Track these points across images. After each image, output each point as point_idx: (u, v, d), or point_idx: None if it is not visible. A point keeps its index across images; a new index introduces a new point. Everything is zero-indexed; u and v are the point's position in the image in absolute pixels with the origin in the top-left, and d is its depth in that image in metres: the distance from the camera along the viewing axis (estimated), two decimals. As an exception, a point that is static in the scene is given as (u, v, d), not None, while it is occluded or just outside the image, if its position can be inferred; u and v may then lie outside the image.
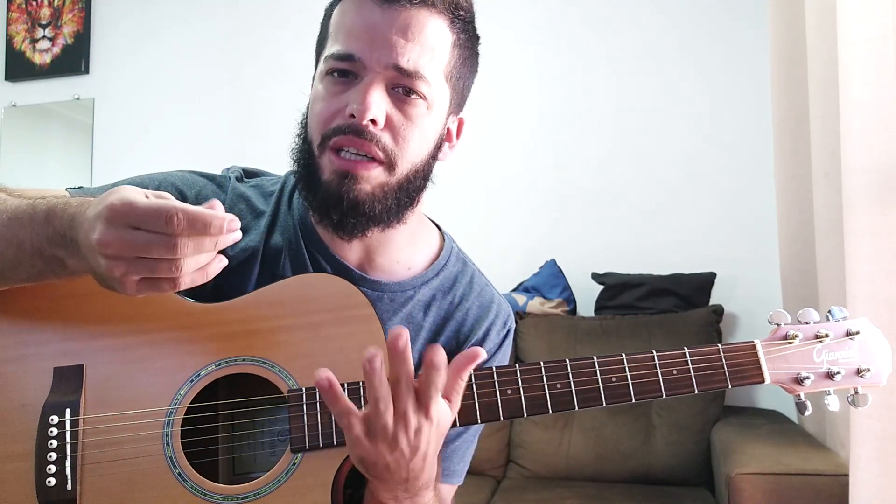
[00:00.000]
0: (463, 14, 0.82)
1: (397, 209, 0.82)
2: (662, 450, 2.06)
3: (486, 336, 0.91)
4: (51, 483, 0.72)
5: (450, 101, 0.84)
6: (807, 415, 0.79)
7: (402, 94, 0.79)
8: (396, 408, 0.66)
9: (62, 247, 0.67)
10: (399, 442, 0.67)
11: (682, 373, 0.77)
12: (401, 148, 0.79)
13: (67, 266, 0.69)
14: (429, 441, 0.68)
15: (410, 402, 0.66)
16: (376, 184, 0.79)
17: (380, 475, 0.71)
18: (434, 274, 0.91)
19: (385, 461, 0.69)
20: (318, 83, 0.82)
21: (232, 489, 0.74)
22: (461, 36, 0.82)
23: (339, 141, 0.78)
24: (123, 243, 0.61)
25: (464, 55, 0.84)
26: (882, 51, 1.31)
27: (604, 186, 2.60)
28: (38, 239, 0.69)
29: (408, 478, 0.71)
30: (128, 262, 0.62)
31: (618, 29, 2.64)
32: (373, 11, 0.77)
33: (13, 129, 3.32)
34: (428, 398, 0.66)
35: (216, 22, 3.11)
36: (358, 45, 0.77)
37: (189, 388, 0.76)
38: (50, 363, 0.76)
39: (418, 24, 0.78)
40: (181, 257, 0.62)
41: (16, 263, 0.70)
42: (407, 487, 0.72)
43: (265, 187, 0.92)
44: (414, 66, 0.77)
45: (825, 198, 1.60)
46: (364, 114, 0.75)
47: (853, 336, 0.79)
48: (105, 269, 0.63)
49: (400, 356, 0.64)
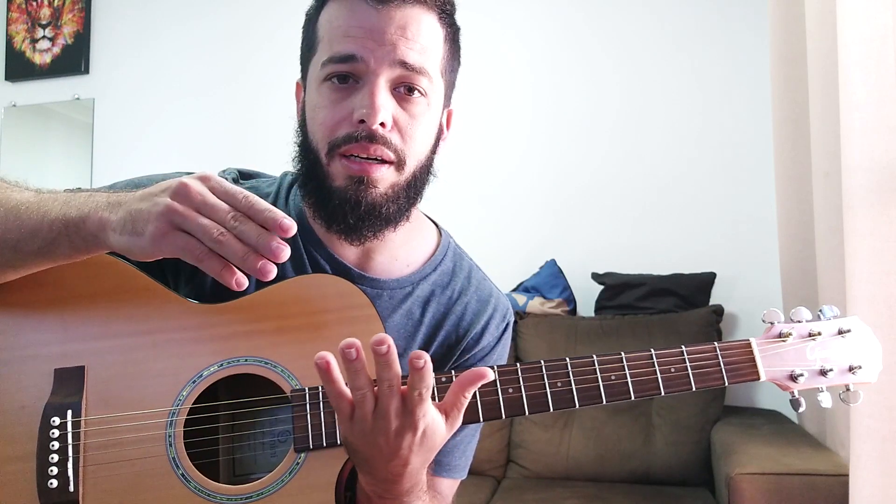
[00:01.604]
0: (449, 8, 0.83)
1: (407, 207, 0.83)
2: (662, 450, 2.06)
3: (485, 330, 0.91)
4: (53, 485, 0.72)
5: (444, 95, 0.85)
6: (801, 412, 0.80)
7: (405, 93, 0.79)
8: (378, 404, 0.66)
9: (91, 212, 0.70)
10: (377, 439, 0.67)
11: (679, 371, 0.78)
12: (409, 146, 0.80)
13: (86, 227, 0.70)
14: (410, 448, 0.68)
15: (394, 404, 0.66)
16: (388, 185, 0.80)
17: (359, 463, 0.72)
18: (432, 269, 0.91)
19: (364, 453, 0.69)
20: (315, 91, 0.81)
21: (236, 489, 0.74)
22: (449, 30, 0.84)
23: (350, 148, 0.77)
24: (195, 202, 0.65)
25: (452, 48, 0.85)
26: (882, 51, 1.31)
27: (604, 186, 2.60)
28: (66, 207, 0.71)
29: (387, 478, 0.71)
30: (183, 221, 0.65)
31: (618, 29, 2.64)
32: (367, 12, 0.77)
33: (13, 129, 3.32)
34: (412, 403, 0.65)
35: (216, 22, 3.11)
36: (358, 45, 0.77)
37: (191, 388, 0.76)
38: (51, 364, 0.76)
39: (415, 21, 0.78)
40: (235, 231, 0.64)
41: (34, 232, 0.71)
42: (388, 488, 0.72)
43: (261, 189, 0.92)
44: (419, 62, 0.78)
45: (825, 198, 1.60)
46: (374, 118, 0.76)
47: (845, 334, 0.80)
48: (156, 212, 0.65)
49: (383, 361, 0.64)
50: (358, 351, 0.64)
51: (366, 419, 0.67)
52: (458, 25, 0.86)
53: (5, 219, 0.73)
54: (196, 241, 0.65)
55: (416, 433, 0.67)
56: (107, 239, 0.69)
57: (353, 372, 0.65)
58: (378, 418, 0.66)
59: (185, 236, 0.65)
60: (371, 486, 0.74)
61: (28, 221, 0.72)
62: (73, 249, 0.72)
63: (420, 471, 0.73)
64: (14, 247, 0.72)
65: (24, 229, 0.72)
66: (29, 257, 0.73)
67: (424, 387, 0.65)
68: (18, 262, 0.74)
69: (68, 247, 0.71)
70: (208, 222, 0.65)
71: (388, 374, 0.65)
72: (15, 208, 0.73)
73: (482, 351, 0.91)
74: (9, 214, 0.73)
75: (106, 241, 0.69)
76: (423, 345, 0.89)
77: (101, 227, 0.69)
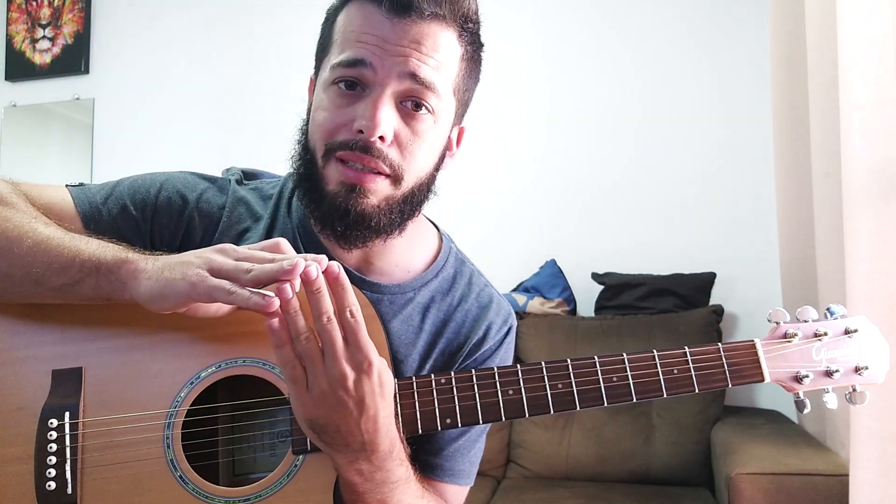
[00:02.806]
0: (471, 26, 0.81)
1: (401, 221, 0.82)
2: (662, 450, 2.06)
3: (486, 335, 0.90)
4: (51, 487, 0.72)
5: (455, 114, 0.84)
6: (806, 413, 0.79)
7: (411, 109, 0.78)
8: (325, 349, 0.66)
9: (123, 263, 0.71)
10: (339, 394, 0.67)
11: (682, 372, 0.77)
12: (407, 163, 0.79)
13: (118, 276, 0.71)
14: (373, 392, 0.68)
15: (338, 342, 0.66)
16: (382, 197, 0.79)
17: (332, 441, 0.70)
18: (433, 275, 0.90)
19: (333, 421, 0.68)
20: (322, 92, 0.80)
21: (234, 491, 0.74)
22: (468, 48, 0.82)
23: (344, 155, 0.77)
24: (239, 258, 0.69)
25: (469, 67, 0.83)
26: (882, 51, 1.31)
27: (604, 186, 2.60)
28: (102, 249, 0.73)
29: (363, 441, 0.69)
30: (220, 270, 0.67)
31: (618, 29, 2.64)
32: (382, 23, 0.76)
33: (13, 129, 3.32)
34: (352, 331, 0.66)
35: (217, 22, 3.11)
36: (369, 52, 0.76)
37: (189, 390, 0.76)
38: (48, 366, 0.76)
39: (431, 37, 0.76)
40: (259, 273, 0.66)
41: (63, 269, 0.72)
42: (368, 456, 0.71)
43: (264, 190, 0.92)
44: (430, 77, 0.77)
45: (825, 198, 1.60)
46: (373, 131, 0.75)
47: (851, 334, 0.79)
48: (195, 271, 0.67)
49: (315, 292, 0.65)
50: (292, 289, 0.64)
51: (320, 377, 0.66)
52: (480, 42, 0.84)
53: (34, 251, 0.72)
54: (229, 283, 0.66)
55: (371, 374, 0.67)
56: (136, 287, 0.70)
57: (292, 313, 0.65)
58: (331, 368, 0.66)
59: (221, 280, 0.67)
60: (351, 466, 0.72)
61: (58, 258, 0.72)
62: (96, 292, 0.72)
63: (390, 424, 0.71)
64: (37, 280, 0.72)
65: (52, 265, 0.71)
66: (48, 292, 0.73)
67: (351, 302, 0.66)
68: (37, 296, 0.74)
69: (92, 289, 0.71)
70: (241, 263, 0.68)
71: (323, 304, 0.65)
72: (44, 242, 0.73)
73: (484, 355, 0.91)
74: (37, 248, 0.72)
75: (134, 290, 0.70)
76: (424, 352, 0.88)
77: (133, 275, 0.70)
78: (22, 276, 0.72)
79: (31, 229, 0.74)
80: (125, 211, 0.84)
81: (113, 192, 0.85)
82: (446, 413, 0.76)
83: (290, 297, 0.64)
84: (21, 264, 0.72)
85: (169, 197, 0.85)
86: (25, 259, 0.72)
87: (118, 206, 0.84)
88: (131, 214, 0.84)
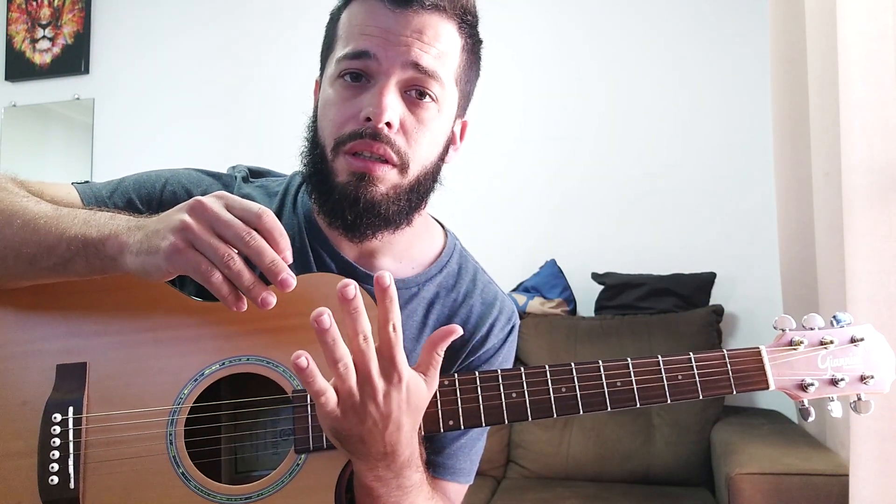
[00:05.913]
0: (470, 19, 0.83)
1: (408, 211, 0.83)
2: (662, 450, 2.06)
3: (490, 333, 0.91)
4: (53, 481, 0.72)
5: (457, 105, 0.85)
6: (810, 420, 0.79)
7: (415, 97, 0.79)
8: (359, 369, 0.65)
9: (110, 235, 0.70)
10: (368, 408, 0.66)
11: (686, 378, 0.76)
12: (413, 150, 0.80)
13: (104, 249, 0.70)
14: (400, 407, 0.67)
15: (373, 361, 0.65)
16: (390, 185, 0.79)
17: (356, 449, 0.69)
18: (437, 271, 0.91)
19: (359, 433, 0.67)
20: (329, 87, 0.81)
21: (235, 489, 0.74)
22: (468, 40, 0.83)
23: (354, 146, 0.78)
24: (209, 221, 0.65)
25: (470, 59, 0.85)
26: (882, 51, 1.31)
27: (604, 186, 2.60)
28: (86, 226, 0.71)
29: (385, 451, 0.69)
30: (196, 239, 0.65)
31: (618, 29, 2.64)
32: (385, 15, 0.77)
33: (13, 129, 3.32)
34: (388, 348, 0.65)
35: (216, 21, 3.11)
36: (373, 43, 0.77)
37: (193, 387, 0.76)
38: (52, 360, 0.76)
39: (432, 27, 0.78)
40: (247, 250, 0.65)
41: (52, 249, 0.71)
42: (388, 464, 0.71)
43: (270, 188, 0.92)
44: (432, 65, 0.78)
45: (825, 198, 1.60)
46: (380, 116, 0.76)
47: (857, 342, 0.78)
48: (173, 228, 0.65)
49: (353, 310, 0.63)
50: (330, 317, 0.62)
51: (352, 394, 0.65)
52: (479, 38, 0.86)
53: (23, 232, 0.72)
54: (206, 262, 0.65)
55: (401, 389, 0.67)
56: (124, 262, 0.69)
57: (330, 343, 0.63)
58: (363, 384, 0.65)
59: (198, 255, 0.65)
60: (370, 472, 0.72)
61: (47, 237, 0.71)
62: (89, 269, 0.72)
63: (413, 436, 0.71)
64: (30, 261, 0.72)
65: (42, 245, 0.71)
66: (44, 272, 0.73)
67: (396, 316, 0.64)
68: (33, 275, 0.74)
69: (84, 266, 0.71)
70: (219, 243, 0.65)
71: (360, 324, 0.64)
72: (33, 220, 0.72)
73: (487, 353, 0.91)
74: (27, 227, 0.72)
75: (123, 265, 0.69)
76: None
77: (119, 250, 0.69)
78: (14, 257, 0.72)
79: (21, 208, 0.74)
80: (131, 205, 0.85)
81: (118, 187, 0.87)
82: (449, 415, 0.75)
83: (328, 328, 0.62)
84: (12, 245, 0.72)
85: (174, 192, 0.86)
86: (15, 240, 0.72)
87: (124, 200, 0.85)
88: (137, 208, 0.84)
